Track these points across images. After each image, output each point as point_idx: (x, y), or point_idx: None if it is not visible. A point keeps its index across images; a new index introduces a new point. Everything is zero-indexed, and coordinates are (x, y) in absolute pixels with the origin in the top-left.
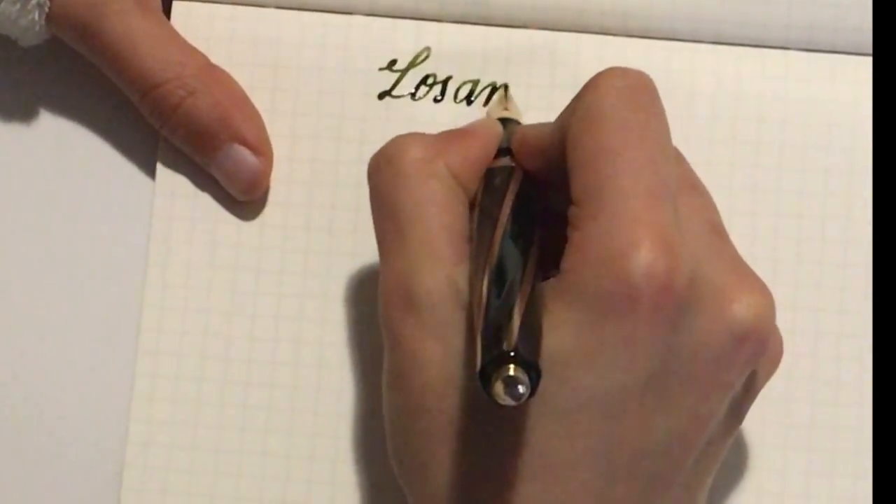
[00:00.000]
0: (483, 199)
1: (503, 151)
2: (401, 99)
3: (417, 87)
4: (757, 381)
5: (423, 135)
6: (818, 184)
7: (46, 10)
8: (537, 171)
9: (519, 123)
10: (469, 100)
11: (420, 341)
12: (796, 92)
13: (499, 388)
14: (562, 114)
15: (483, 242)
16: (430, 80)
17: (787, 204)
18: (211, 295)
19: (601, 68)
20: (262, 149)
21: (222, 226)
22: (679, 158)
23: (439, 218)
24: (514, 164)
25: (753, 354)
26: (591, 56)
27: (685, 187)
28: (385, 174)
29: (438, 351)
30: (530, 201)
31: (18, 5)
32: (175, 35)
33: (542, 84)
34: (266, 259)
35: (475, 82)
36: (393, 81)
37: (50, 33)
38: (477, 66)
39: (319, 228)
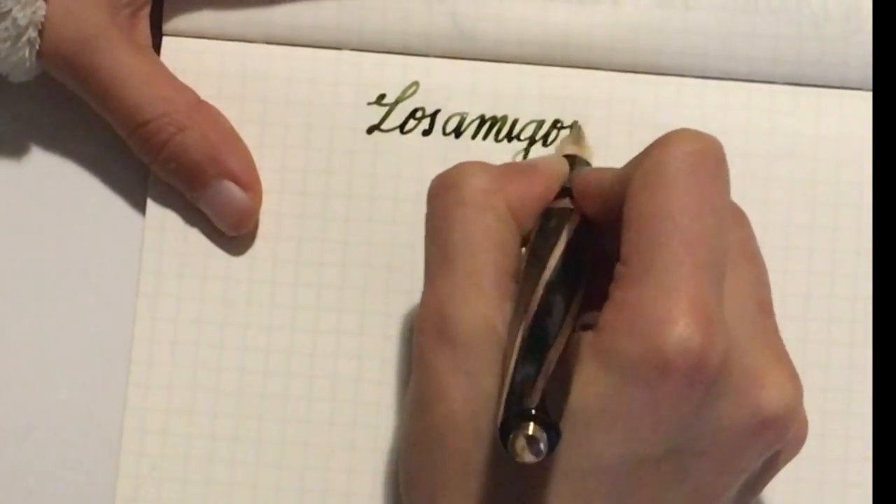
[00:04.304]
0: (536, 239)
1: (564, 191)
2: (389, 133)
3: (406, 121)
4: (778, 461)
5: (487, 165)
6: (805, 217)
7: (37, 46)
8: (595, 215)
9: (587, 163)
10: (457, 133)
11: (449, 373)
12: (782, 126)
13: (518, 444)
14: (627, 165)
15: (528, 286)
16: (418, 114)
17: (774, 236)
18: (201, 328)
19: (588, 102)
20: (251, 185)
21: (212, 259)
22: (742, 223)
23: (490, 253)
24: (571, 207)
25: (773, 441)
26: (579, 90)
27: (740, 257)
28: (444, 199)
29: (465, 386)
30: (582, 247)
31: (9, 42)
32: (164, 71)
33: (528, 118)
34: (256, 292)
35: (463, 115)
36: (381, 115)
37: (40, 69)
38: (465, 99)
39: (309, 262)
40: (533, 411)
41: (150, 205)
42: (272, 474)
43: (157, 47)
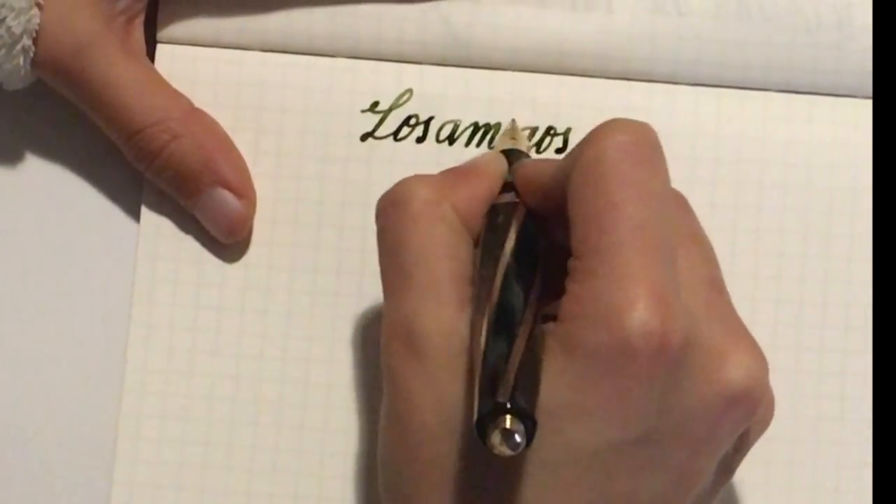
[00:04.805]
0: (486, 237)
1: (507, 186)
2: (383, 140)
3: (400, 128)
4: (748, 438)
5: (429, 176)
6: (798, 223)
7: (32, 54)
8: (539, 207)
9: (526, 155)
10: (451, 140)
11: (419, 385)
12: (775, 132)
13: (495, 438)
14: (564, 158)
15: (485, 284)
16: (412, 121)
17: (768, 243)
18: (195, 335)
19: (581, 109)
20: (245, 192)
21: (206, 266)
22: (684, 207)
23: (445, 262)
24: (517, 201)
25: (744, 417)
26: (572, 97)
27: (687, 239)
28: (392, 217)
29: (436, 397)
30: (532, 239)
31: (3, 50)
32: (159, 79)
33: (522, 124)
34: (250, 299)
35: (457, 123)
36: (375, 123)
37: (35, 77)
38: (459, 106)
39: (303, 269)
40: (508, 404)
41: (145, 212)
42: (266, 481)
43: (151, 55)
